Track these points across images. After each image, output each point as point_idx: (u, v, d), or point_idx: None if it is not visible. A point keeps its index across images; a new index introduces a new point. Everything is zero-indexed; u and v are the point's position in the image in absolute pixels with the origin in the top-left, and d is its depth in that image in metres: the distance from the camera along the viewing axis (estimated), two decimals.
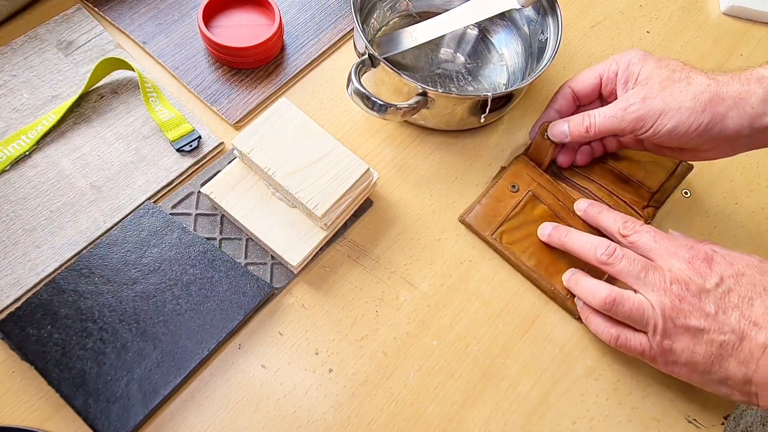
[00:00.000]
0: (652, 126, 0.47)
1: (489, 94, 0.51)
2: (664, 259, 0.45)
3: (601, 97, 0.54)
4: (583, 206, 0.53)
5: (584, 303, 0.49)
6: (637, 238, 0.47)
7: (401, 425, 0.46)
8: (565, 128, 0.52)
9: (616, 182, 0.56)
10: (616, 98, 0.51)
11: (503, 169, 0.56)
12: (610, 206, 0.53)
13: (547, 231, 0.52)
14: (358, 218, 0.53)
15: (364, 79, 0.51)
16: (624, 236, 0.48)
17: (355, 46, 0.58)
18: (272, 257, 0.50)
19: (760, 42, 0.68)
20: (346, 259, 0.52)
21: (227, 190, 0.50)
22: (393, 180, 0.56)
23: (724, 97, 0.46)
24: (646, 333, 0.45)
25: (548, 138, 0.53)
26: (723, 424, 0.48)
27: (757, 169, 0.60)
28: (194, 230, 0.51)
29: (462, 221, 0.54)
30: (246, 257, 0.50)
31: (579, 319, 0.51)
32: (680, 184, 0.57)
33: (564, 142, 0.53)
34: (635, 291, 0.45)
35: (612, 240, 0.48)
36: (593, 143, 0.56)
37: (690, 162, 0.56)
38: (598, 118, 0.50)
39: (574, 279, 0.50)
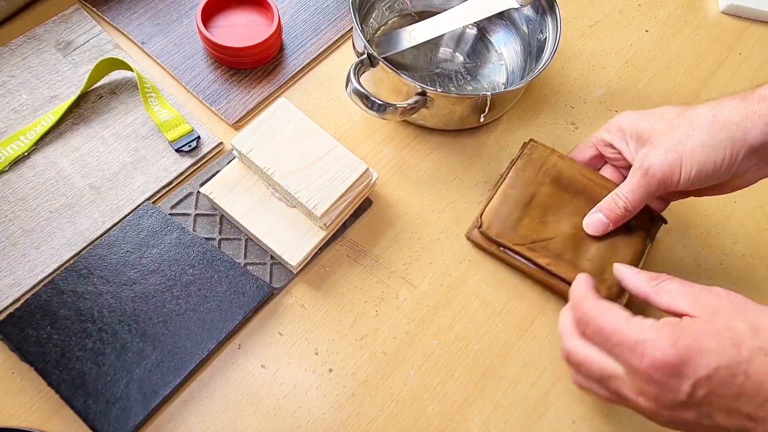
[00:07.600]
0: (679, 178, 0.46)
1: (488, 93, 0.51)
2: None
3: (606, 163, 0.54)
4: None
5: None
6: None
7: (401, 425, 0.46)
8: (600, 217, 0.50)
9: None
10: (626, 163, 0.50)
11: (502, 176, 0.56)
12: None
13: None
14: (358, 218, 0.53)
15: (363, 78, 0.51)
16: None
17: (354, 45, 0.58)
18: (271, 257, 0.50)
19: (759, 41, 0.68)
20: (345, 259, 0.51)
21: (226, 190, 0.50)
22: (392, 179, 0.56)
23: (735, 121, 0.44)
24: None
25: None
26: None
27: None
28: (193, 230, 0.50)
29: (468, 238, 0.53)
30: (245, 257, 0.50)
31: None
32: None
33: (607, 231, 0.50)
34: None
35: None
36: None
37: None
38: (629, 194, 0.48)
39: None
